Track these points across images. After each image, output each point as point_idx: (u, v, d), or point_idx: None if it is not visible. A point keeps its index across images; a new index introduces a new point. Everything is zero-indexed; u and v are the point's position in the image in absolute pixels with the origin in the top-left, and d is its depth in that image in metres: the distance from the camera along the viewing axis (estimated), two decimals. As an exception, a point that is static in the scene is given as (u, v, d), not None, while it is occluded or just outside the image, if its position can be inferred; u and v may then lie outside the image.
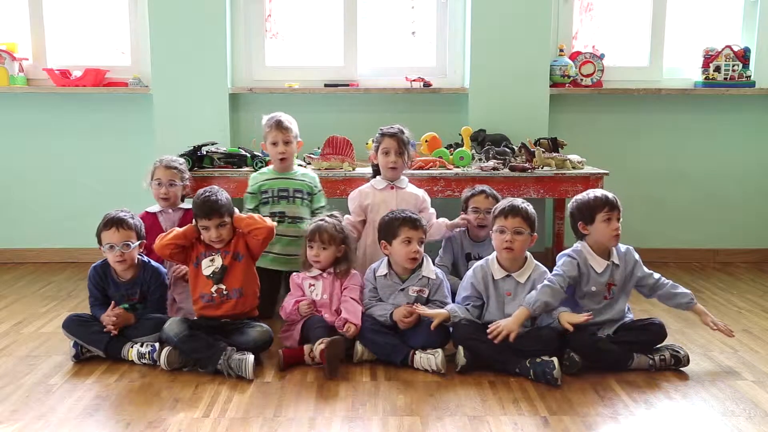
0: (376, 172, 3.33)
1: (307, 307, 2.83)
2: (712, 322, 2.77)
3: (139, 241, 2.86)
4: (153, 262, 2.94)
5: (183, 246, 2.83)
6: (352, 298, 2.86)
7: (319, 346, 2.62)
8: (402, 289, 2.84)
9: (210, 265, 2.82)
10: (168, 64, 4.12)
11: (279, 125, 3.32)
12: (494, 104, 4.17)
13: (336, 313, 2.86)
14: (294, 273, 2.99)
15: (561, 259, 2.83)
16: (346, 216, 3.21)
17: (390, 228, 2.86)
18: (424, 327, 2.74)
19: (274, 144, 3.34)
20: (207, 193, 2.83)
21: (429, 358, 2.64)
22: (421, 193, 3.30)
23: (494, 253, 2.83)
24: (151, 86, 4.18)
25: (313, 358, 2.67)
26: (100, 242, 2.84)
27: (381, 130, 3.27)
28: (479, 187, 3.28)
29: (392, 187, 3.25)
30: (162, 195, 3.27)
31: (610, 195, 2.79)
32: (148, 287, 2.89)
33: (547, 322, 2.72)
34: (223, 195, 2.87)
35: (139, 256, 2.90)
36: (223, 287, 2.81)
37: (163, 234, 2.87)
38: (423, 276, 2.85)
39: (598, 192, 2.82)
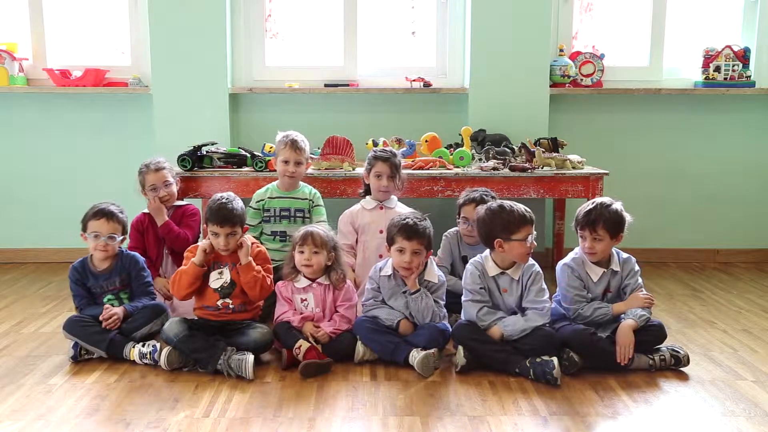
0: (368, 191, 3.35)
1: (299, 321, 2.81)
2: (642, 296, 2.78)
3: (122, 237, 2.92)
4: (126, 251, 3.00)
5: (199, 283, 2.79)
6: (342, 315, 2.84)
7: (297, 350, 2.67)
8: (404, 292, 2.81)
9: (219, 278, 2.80)
10: (168, 64, 4.12)
11: (294, 144, 3.35)
12: (494, 104, 4.17)
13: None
14: (280, 282, 2.91)
15: (561, 273, 2.82)
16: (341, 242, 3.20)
17: (390, 232, 2.83)
18: (426, 327, 2.74)
19: (286, 162, 3.37)
20: (224, 200, 2.79)
21: (414, 357, 2.64)
22: (409, 212, 3.27)
23: (486, 252, 2.80)
24: (151, 86, 4.18)
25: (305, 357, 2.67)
26: (84, 229, 2.87)
27: (374, 152, 3.31)
28: (471, 195, 3.19)
29: (381, 208, 3.29)
30: (163, 199, 3.28)
31: (588, 212, 2.76)
32: (128, 274, 2.92)
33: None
34: (239, 204, 2.83)
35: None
36: (229, 302, 2.80)
37: (175, 280, 2.78)
38: (425, 279, 2.82)
39: (588, 206, 2.80)
